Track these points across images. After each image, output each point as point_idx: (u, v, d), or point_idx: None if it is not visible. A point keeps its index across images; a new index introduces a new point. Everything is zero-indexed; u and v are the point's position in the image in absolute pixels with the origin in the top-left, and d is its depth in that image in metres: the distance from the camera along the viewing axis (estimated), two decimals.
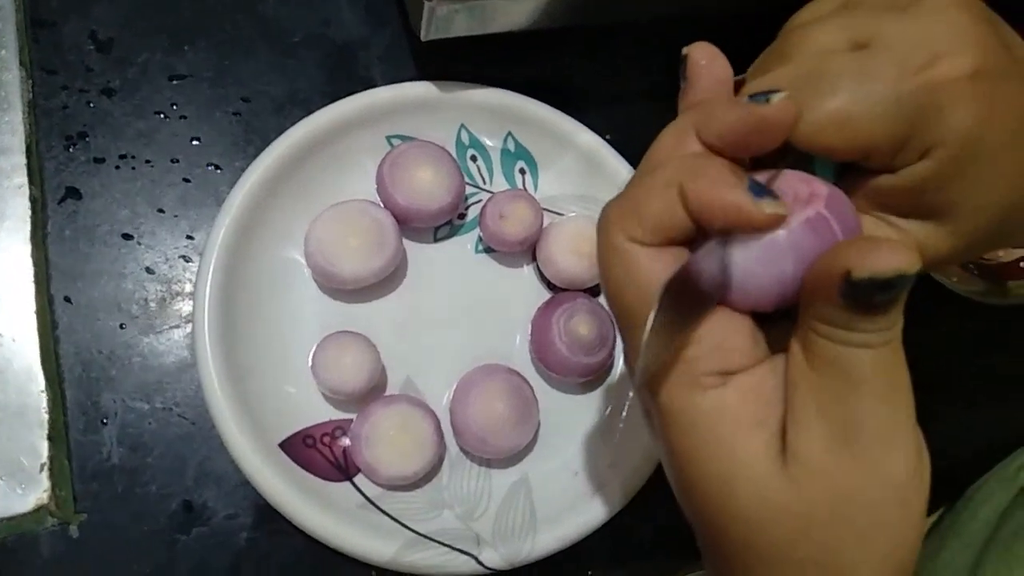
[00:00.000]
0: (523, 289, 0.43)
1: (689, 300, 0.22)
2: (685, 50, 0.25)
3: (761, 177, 0.23)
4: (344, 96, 0.42)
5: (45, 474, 0.37)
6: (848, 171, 0.25)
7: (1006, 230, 0.26)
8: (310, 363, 0.38)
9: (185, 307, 0.40)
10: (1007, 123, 0.23)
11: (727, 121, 0.23)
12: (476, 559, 0.37)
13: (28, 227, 0.40)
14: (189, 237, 0.41)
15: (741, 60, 0.29)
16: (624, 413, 0.41)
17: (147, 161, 0.42)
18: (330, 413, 0.39)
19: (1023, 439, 0.47)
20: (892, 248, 0.19)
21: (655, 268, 0.22)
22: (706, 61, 0.25)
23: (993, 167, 0.23)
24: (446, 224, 0.43)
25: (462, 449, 0.40)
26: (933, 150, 0.23)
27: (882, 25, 0.23)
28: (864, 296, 0.20)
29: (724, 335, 0.23)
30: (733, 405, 0.22)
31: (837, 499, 0.22)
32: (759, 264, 0.22)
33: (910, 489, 0.22)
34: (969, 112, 0.22)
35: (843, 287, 0.20)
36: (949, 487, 0.47)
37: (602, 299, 0.43)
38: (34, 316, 0.39)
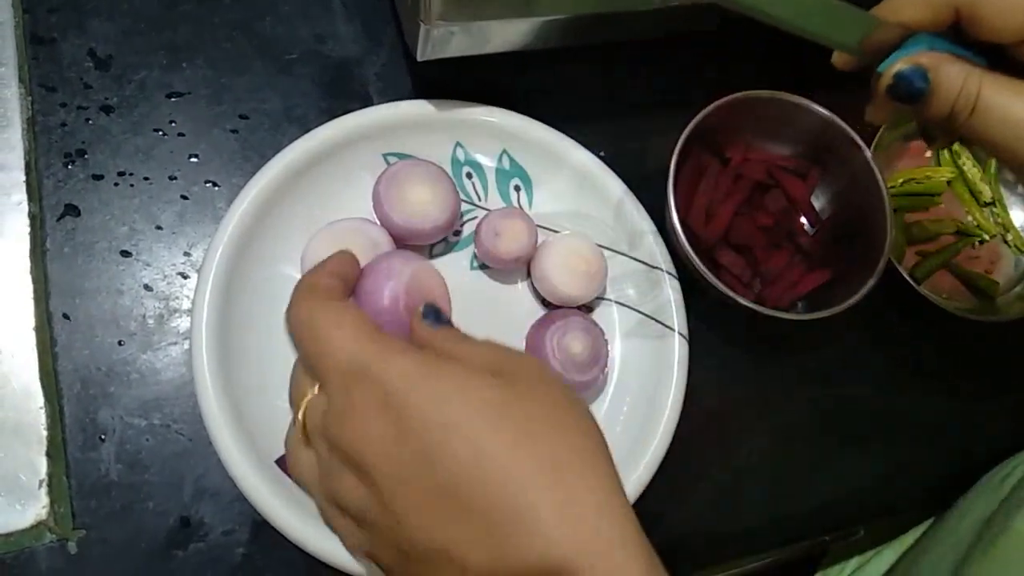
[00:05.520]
0: (518, 306, 0.43)
1: None
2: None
3: None
4: (341, 113, 0.42)
5: (44, 490, 0.37)
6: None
7: None
8: None
9: (183, 324, 0.40)
10: None
11: None
12: None
13: (27, 244, 0.40)
14: (187, 254, 0.41)
15: (733, 74, 0.30)
16: (619, 429, 0.42)
17: (145, 178, 0.42)
18: None
19: (1009, 450, 0.47)
20: None
21: None
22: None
23: None
24: (442, 241, 0.43)
25: None
26: None
27: None
28: None
29: None
30: None
31: None
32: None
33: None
34: None
35: None
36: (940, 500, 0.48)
37: (596, 316, 0.43)
38: (33, 333, 0.39)
